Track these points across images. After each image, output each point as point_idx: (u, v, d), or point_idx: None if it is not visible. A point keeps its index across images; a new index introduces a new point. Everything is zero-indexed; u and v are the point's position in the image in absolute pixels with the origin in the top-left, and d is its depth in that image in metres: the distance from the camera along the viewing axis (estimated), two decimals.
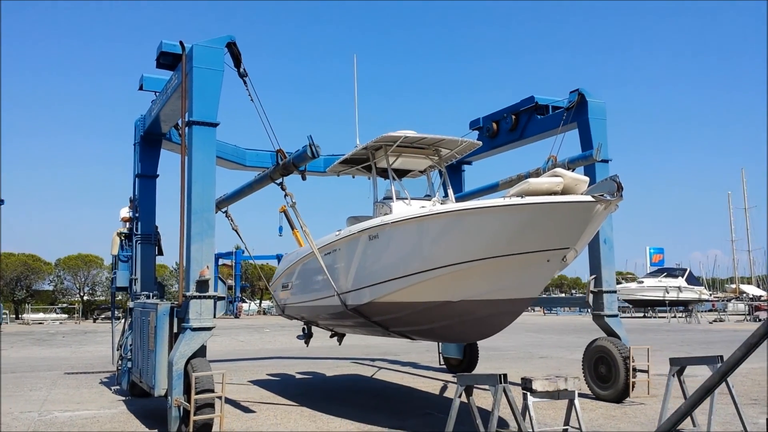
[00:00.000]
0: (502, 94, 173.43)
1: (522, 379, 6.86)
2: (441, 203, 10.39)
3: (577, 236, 7.82)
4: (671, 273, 58.04)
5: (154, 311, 9.46)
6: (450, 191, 11.27)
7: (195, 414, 8.10)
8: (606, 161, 12.36)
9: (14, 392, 12.51)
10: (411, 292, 9.25)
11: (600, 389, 11.78)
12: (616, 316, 12.29)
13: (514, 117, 14.37)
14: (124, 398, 11.84)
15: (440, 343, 16.17)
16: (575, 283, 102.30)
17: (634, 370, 11.45)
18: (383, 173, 11.11)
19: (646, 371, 11.95)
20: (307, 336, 14.65)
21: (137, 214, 12.86)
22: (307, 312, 12.82)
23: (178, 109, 10.66)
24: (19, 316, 58.89)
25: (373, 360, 19.19)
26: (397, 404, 11.40)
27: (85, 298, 68.55)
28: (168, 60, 10.13)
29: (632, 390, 11.36)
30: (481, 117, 15.51)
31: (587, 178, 8.01)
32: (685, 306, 54.46)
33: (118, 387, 12.76)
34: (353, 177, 12.69)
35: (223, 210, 12.28)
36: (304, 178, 9.85)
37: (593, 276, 12.34)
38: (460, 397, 6.84)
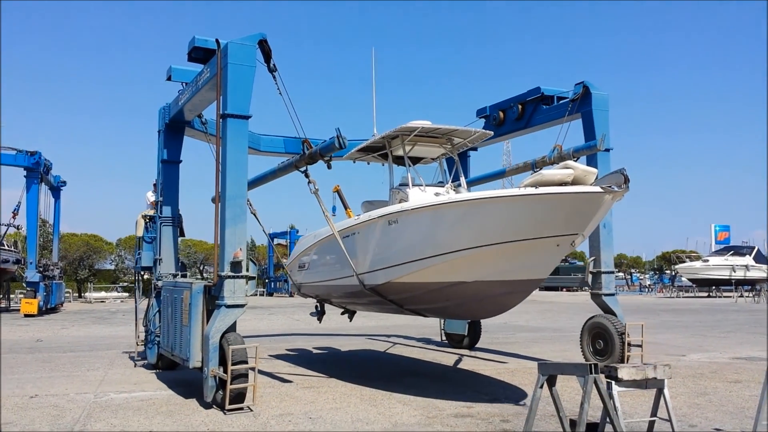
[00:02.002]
0: (506, 81, 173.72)
1: (606, 366, 6.22)
2: (454, 190, 11.27)
3: (586, 223, 8.60)
4: (738, 251, 56.04)
5: (188, 289, 10.12)
6: (462, 178, 12.10)
7: (231, 383, 8.81)
8: (608, 150, 13.13)
9: (72, 372, 12.55)
10: (427, 273, 9.97)
11: (597, 361, 12.01)
12: (613, 294, 13.45)
13: (520, 106, 15.10)
14: (169, 375, 12.05)
15: (442, 320, 17.08)
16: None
17: (629, 344, 12.39)
18: (398, 160, 11.86)
19: (640, 346, 12.87)
20: (319, 313, 15.34)
21: (161, 198, 13.44)
22: (323, 290, 13.53)
23: (206, 100, 11.64)
24: (82, 294, 60.45)
25: (388, 336, 20.04)
26: (457, 386, 10.84)
27: (145, 276, 70.01)
28: (200, 54, 10.70)
29: (627, 362, 12.08)
30: (487, 106, 16.12)
31: (596, 170, 8.70)
32: (752, 285, 52.40)
33: (144, 361, 13.47)
34: (368, 163, 13.40)
35: None
36: (329, 167, 10.60)
37: (593, 257, 13.43)
38: (541, 387, 6.23)
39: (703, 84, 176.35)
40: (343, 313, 15.25)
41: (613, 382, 6.20)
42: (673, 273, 63.23)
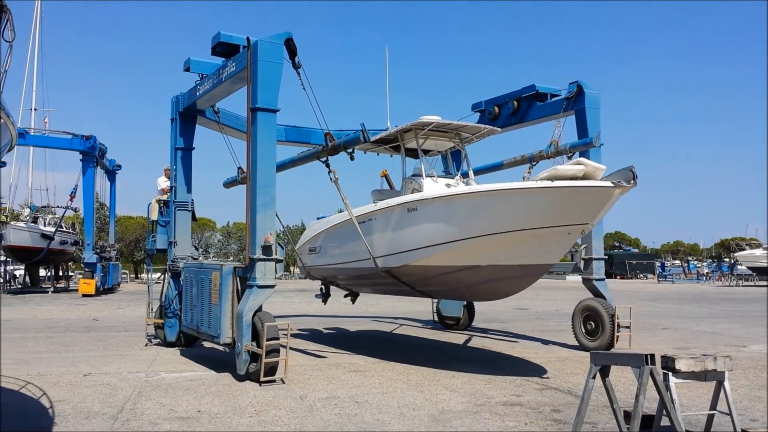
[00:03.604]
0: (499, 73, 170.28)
1: (662, 357, 5.94)
2: (464, 181, 12.20)
3: (595, 214, 9.53)
4: None
5: (218, 271, 10.77)
6: (471, 171, 12.77)
7: (266, 357, 9.46)
8: (599, 146, 13.88)
9: (125, 352, 12.81)
10: (444, 257, 10.74)
11: (588, 342, 13.58)
12: (602, 279, 14.26)
13: (515, 103, 15.86)
14: (219, 351, 12.27)
15: (436, 303, 18.12)
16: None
17: (619, 325, 13.31)
18: (410, 153, 12.85)
19: (629, 327, 13.75)
20: (324, 295, 15.91)
21: (175, 184, 13.88)
22: (334, 273, 14.14)
23: (227, 92, 12.37)
24: (138, 275, 62.01)
25: (395, 318, 20.75)
26: (506, 374, 10.62)
27: (200, 259, 71.41)
28: (224, 49, 11.37)
29: (616, 342, 13.25)
30: (483, 100, 16.89)
31: (605, 167, 9.37)
32: None
33: (159, 340, 13.88)
34: (378, 155, 14.18)
35: None
36: (352, 159, 11.36)
37: (584, 245, 14.14)
38: (594, 377, 5.99)
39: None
40: (346, 296, 15.94)
41: (671, 374, 5.93)
42: (732, 261, 61.18)
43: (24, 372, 10.23)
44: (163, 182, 15.15)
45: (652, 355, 5.59)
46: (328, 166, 11.51)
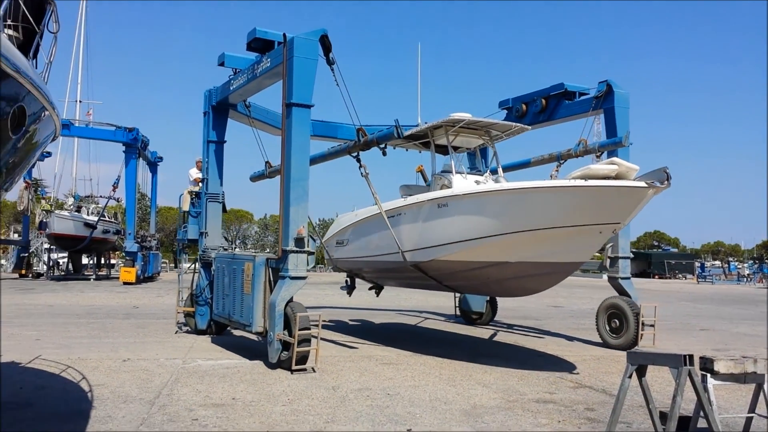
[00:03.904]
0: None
1: (701, 358, 5.84)
2: (492, 178, 12.27)
3: (628, 213, 9.50)
4: None
5: (251, 261, 11.00)
6: (500, 168, 12.82)
7: (297, 347, 9.69)
8: (628, 145, 13.74)
9: (163, 338, 13.06)
10: (473, 253, 10.85)
11: (612, 339, 13.65)
12: (628, 278, 14.17)
13: (543, 101, 15.87)
14: (253, 341, 12.46)
15: (458, 297, 18.06)
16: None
17: (643, 324, 13.28)
18: (439, 149, 13.01)
19: (653, 325, 13.65)
20: (350, 287, 16.07)
21: (207, 176, 14.12)
22: (361, 266, 14.38)
23: (261, 87, 12.61)
24: (177, 265, 63.06)
25: (419, 312, 20.88)
26: (539, 371, 10.54)
27: (236, 250, 72.29)
28: (259, 45, 11.55)
29: (640, 340, 13.18)
30: (510, 98, 16.96)
31: (638, 167, 9.29)
32: None
33: (188, 328, 14.13)
34: (406, 150, 14.27)
35: None
36: (384, 154, 11.59)
37: (610, 244, 13.86)
38: (630, 377, 5.91)
39: None
40: (371, 288, 16.26)
41: (709, 375, 5.83)
42: None
43: (65, 356, 10.50)
44: (195, 174, 15.42)
45: (691, 356, 5.49)
46: (359, 161, 11.68)
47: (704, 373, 5.83)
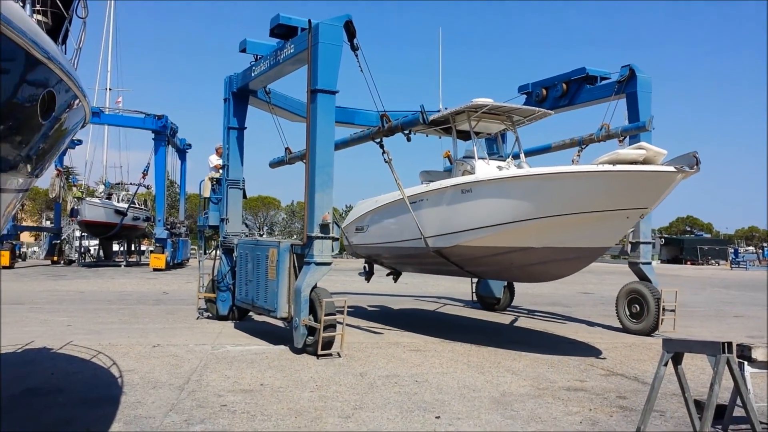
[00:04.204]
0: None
1: (738, 345, 5.67)
2: (515, 163, 12.21)
3: (656, 198, 9.41)
4: None
5: (275, 247, 11.05)
6: (522, 153, 12.79)
7: (324, 332, 9.78)
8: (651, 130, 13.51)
9: (193, 324, 13.18)
10: (497, 238, 10.80)
11: (632, 324, 13.61)
12: (649, 263, 14.09)
13: (564, 85, 15.75)
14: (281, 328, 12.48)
15: (476, 283, 18.20)
16: None
17: (664, 309, 13.19)
18: (461, 135, 12.90)
19: (674, 310, 13.57)
20: (368, 273, 16.22)
21: (227, 162, 14.13)
22: (381, 251, 14.40)
23: (283, 73, 12.56)
24: (206, 251, 63.55)
25: (438, 298, 20.95)
26: (570, 358, 10.39)
27: (264, 236, 72.72)
28: (282, 30, 11.42)
29: (661, 325, 13.16)
30: (530, 83, 16.85)
31: (665, 152, 9.23)
32: None
33: (209, 314, 14.18)
34: (427, 136, 14.26)
35: (304, 161, 13.58)
36: (409, 140, 11.80)
37: (632, 229, 13.23)
38: (666, 365, 5.76)
39: None
40: (389, 274, 16.32)
41: (746, 363, 5.67)
42: None
43: (96, 342, 10.62)
44: (216, 160, 15.46)
45: (729, 343, 5.33)
46: (382, 147, 11.71)
47: (741, 360, 5.67)
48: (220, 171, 14.69)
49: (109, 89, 46.33)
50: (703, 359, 5.82)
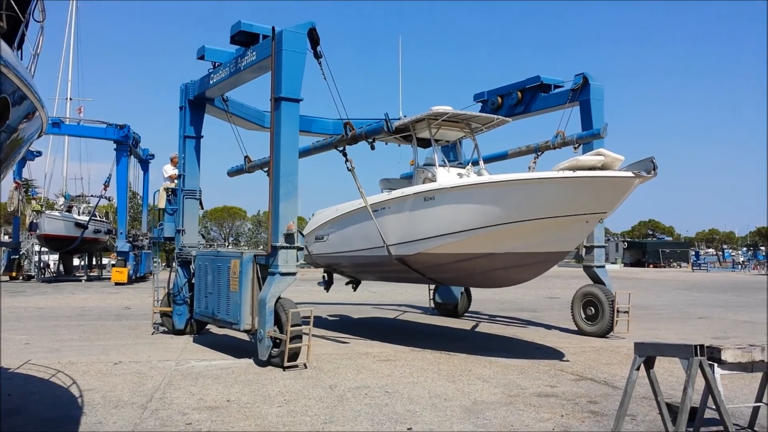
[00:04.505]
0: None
1: (707, 347, 5.65)
2: (474, 170, 12.26)
3: (615, 203, 9.68)
4: None
5: (238, 259, 10.87)
6: (481, 161, 12.82)
7: (290, 343, 9.63)
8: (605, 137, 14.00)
9: (156, 340, 12.89)
10: (460, 245, 10.87)
11: (587, 326, 14.00)
12: (602, 267, 14.62)
13: (519, 93, 16.09)
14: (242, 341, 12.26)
15: (432, 289, 18.32)
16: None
17: (618, 311, 13.63)
18: (420, 142, 12.92)
19: (627, 312, 14.05)
20: (327, 283, 16.15)
21: (183, 172, 13.84)
22: (343, 261, 14.25)
23: (243, 80, 12.44)
24: (170, 264, 62.64)
25: (398, 306, 20.98)
26: (539, 364, 10.38)
27: (230, 247, 71.95)
28: (243, 38, 11.36)
29: (615, 326, 13.58)
30: (485, 91, 17.12)
31: (623, 158, 9.47)
32: None
33: (165, 328, 13.77)
34: (386, 143, 14.25)
35: (265, 170, 14.10)
36: (373, 148, 11.75)
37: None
38: (638, 369, 5.73)
39: None
40: (348, 283, 16.28)
41: (716, 365, 5.67)
42: None
43: (55, 360, 10.27)
44: (170, 170, 15.20)
45: (702, 346, 5.31)
46: (345, 155, 11.70)
47: (711, 362, 5.67)
48: (176, 181, 14.40)
49: (70, 99, 45.40)
50: (672, 362, 5.81)
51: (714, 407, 5.45)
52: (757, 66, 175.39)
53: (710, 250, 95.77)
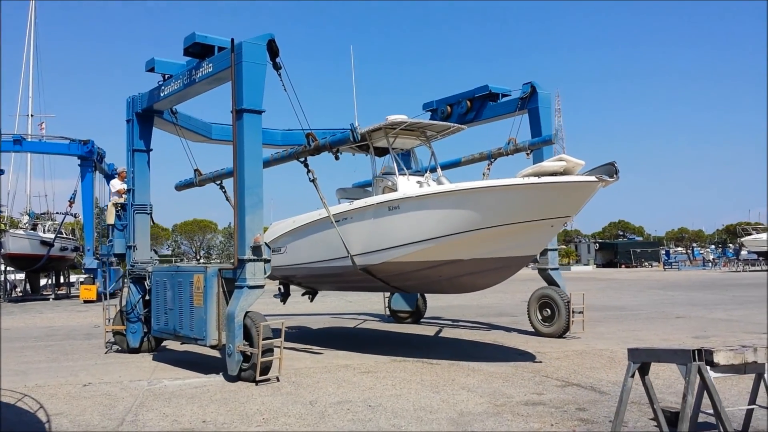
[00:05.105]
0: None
1: (700, 350, 5.47)
2: (434, 179, 12.31)
3: (579, 207, 10.02)
4: None
5: (201, 273, 10.64)
6: (439, 168, 12.91)
7: (262, 357, 9.43)
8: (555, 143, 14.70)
9: (127, 359, 12.41)
10: (426, 253, 10.90)
11: (544, 328, 14.28)
12: (557, 269, 14.88)
13: (468, 102, 16.34)
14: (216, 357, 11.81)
15: (388, 296, 18.52)
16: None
17: (573, 311, 13.97)
18: (376, 151, 13.01)
19: (582, 312, 14.47)
20: (284, 295, 16.03)
21: (133, 187, 13.48)
22: (302, 272, 14.03)
23: (197, 93, 12.26)
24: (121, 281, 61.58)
25: (356, 314, 21.06)
26: (523, 371, 10.18)
27: (201, 261, 71.03)
28: (197, 49, 11.17)
29: (571, 326, 13.92)
30: (434, 100, 17.33)
31: (583, 162, 9.72)
32: None
33: (118, 347, 13.33)
34: (340, 153, 13.99)
35: (218, 183, 14.60)
36: (337, 158, 11.73)
37: None
38: (633, 376, 5.53)
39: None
40: (304, 294, 16.24)
41: (708, 368, 5.50)
42: (738, 246, 60.70)
43: (21, 384, 9.81)
44: (118, 184, 14.78)
45: (700, 351, 5.12)
46: (306, 166, 11.67)
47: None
48: (124, 196, 14.02)
49: (31, 115, 44.53)
50: (655, 365, 5.64)
51: (708, 411, 5.27)
52: (725, 60, 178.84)
53: (679, 248, 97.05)
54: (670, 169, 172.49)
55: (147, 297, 12.82)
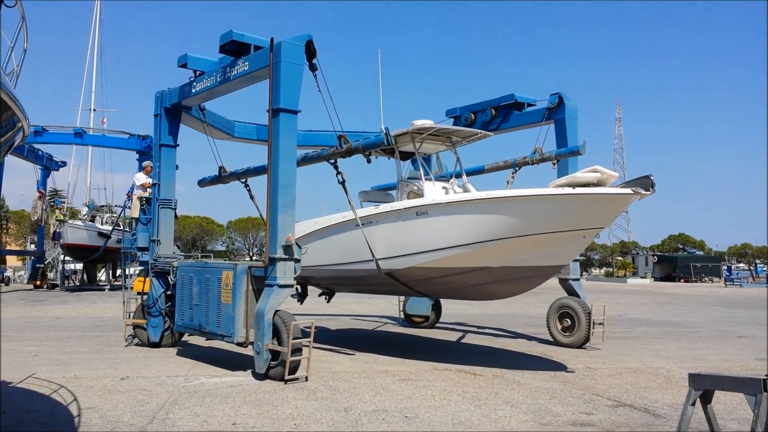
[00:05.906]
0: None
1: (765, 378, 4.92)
2: (459, 185, 12.33)
3: (612, 218, 10.19)
4: None
5: (231, 270, 10.60)
6: (464, 174, 12.83)
7: (291, 356, 9.43)
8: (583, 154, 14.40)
9: (167, 353, 12.34)
10: (454, 259, 10.81)
11: (563, 338, 14.24)
12: (577, 279, 14.82)
13: (493, 110, 16.35)
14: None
15: (403, 301, 18.43)
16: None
17: (594, 322, 13.93)
18: (402, 155, 13.12)
19: (602, 323, 14.60)
20: (301, 295, 15.88)
21: (158, 181, 13.46)
22: (324, 273, 13.90)
23: (229, 90, 12.26)
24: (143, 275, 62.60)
25: (374, 316, 21.09)
26: (572, 387, 9.64)
27: (254, 258, 71.73)
28: (233, 47, 11.21)
29: (591, 337, 13.91)
30: (458, 107, 17.32)
31: (617, 174, 9.85)
32: None
33: (138, 341, 13.35)
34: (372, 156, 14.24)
35: (242, 181, 14.71)
36: (369, 161, 11.76)
37: None
38: (694, 404, 5.01)
39: None
40: (321, 294, 16.09)
41: None
42: None
43: (60, 374, 9.82)
44: (143, 178, 14.79)
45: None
46: (336, 167, 11.56)
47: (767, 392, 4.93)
48: (148, 190, 14.01)
49: (94, 110, 45.67)
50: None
51: None
52: None
53: (742, 264, 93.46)
54: (735, 183, 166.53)
55: (169, 292, 12.81)
